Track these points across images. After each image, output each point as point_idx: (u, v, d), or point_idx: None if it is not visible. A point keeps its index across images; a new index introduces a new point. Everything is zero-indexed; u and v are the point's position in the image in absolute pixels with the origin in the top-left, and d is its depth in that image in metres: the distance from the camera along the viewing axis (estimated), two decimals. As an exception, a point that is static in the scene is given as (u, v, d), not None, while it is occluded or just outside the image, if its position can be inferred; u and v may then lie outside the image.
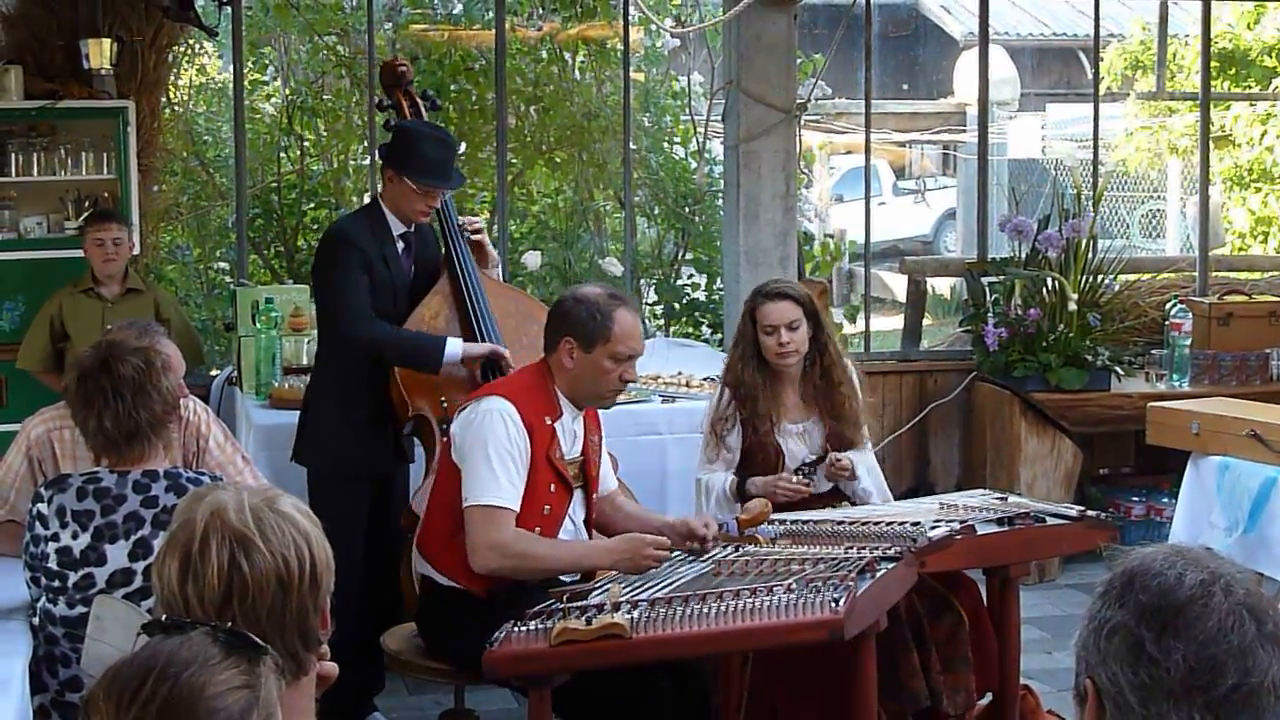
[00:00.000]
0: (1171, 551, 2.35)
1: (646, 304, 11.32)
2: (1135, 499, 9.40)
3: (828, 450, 6.17)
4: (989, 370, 9.16)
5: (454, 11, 11.78)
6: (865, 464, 6.22)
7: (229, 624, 2.42)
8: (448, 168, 6.43)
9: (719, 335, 10.01)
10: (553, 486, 5.33)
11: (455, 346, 6.31)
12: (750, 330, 6.17)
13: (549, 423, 5.33)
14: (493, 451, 5.17)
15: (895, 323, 12.73)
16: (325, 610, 2.71)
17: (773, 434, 6.15)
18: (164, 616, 2.48)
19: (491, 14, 9.98)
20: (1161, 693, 2.25)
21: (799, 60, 9.87)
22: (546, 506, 5.31)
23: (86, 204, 8.64)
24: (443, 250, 6.66)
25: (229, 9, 8.71)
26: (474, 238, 6.67)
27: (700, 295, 11.13)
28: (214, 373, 8.84)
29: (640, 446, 6.97)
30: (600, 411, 5.91)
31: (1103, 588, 2.37)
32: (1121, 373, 9.06)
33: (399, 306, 6.42)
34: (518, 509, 5.18)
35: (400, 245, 6.45)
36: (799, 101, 9.24)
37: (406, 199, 6.35)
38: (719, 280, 10.64)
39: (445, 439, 6.24)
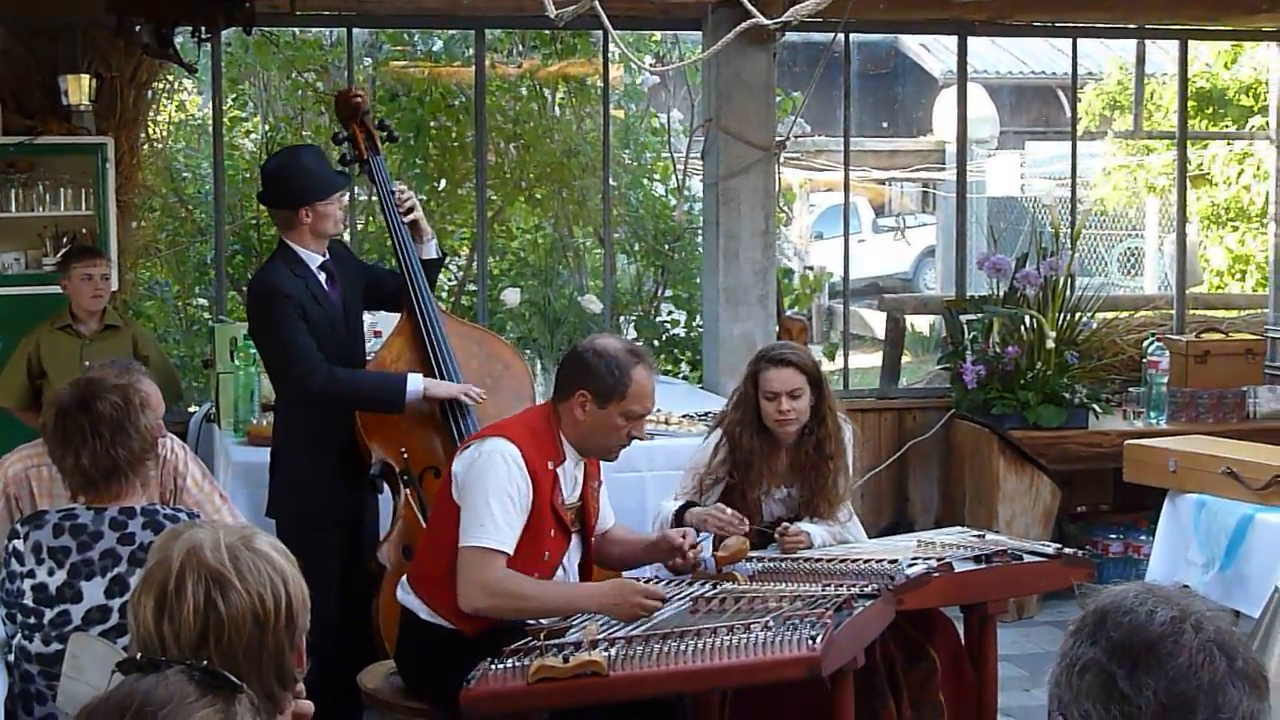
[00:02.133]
0: (1143, 589, 2.37)
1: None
2: (1113, 536, 9.43)
3: (780, 519, 6.03)
4: (967, 408, 9.18)
5: (434, 48, 11.80)
6: (832, 534, 6.03)
7: (205, 662, 2.42)
8: (332, 167, 6.51)
9: (698, 372, 10.02)
10: (553, 532, 5.29)
11: (417, 383, 6.26)
12: (751, 393, 6.06)
13: (551, 467, 5.28)
14: (493, 493, 5.11)
15: (874, 360, 12.78)
16: (301, 649, 2.71)
17: (759, 500, 6.08)
18: (139, 655, 2.48)
19: (471, 51, 10.00)
20: None
21: (778, 98, 9.90)
22: (546, 553, 5.27)
23: (65, 240, 8.65)
24: (404, 285, 6.61)
25: (208, 46, 8.70)
26: (408, 218, 6.64)
27: (680, 332, 11.14)
28: (192, 409, 8.83)
29: (619, 484, 6.92)
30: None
31: (1075, 625, 2.38)
32: (1099, 410, 9.10)
33: (339, 337, 6.38)
34: (511, 552, 5.12)
35: (323, 276, 6.39)
36: (778, 139, 9.26)
37: (328, 221, 6.35)
38: (698, 317, 10.64)
39: (409, 489, 6.26)
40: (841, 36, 9.44)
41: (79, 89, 8.60)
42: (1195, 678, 2.26)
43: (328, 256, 6.43)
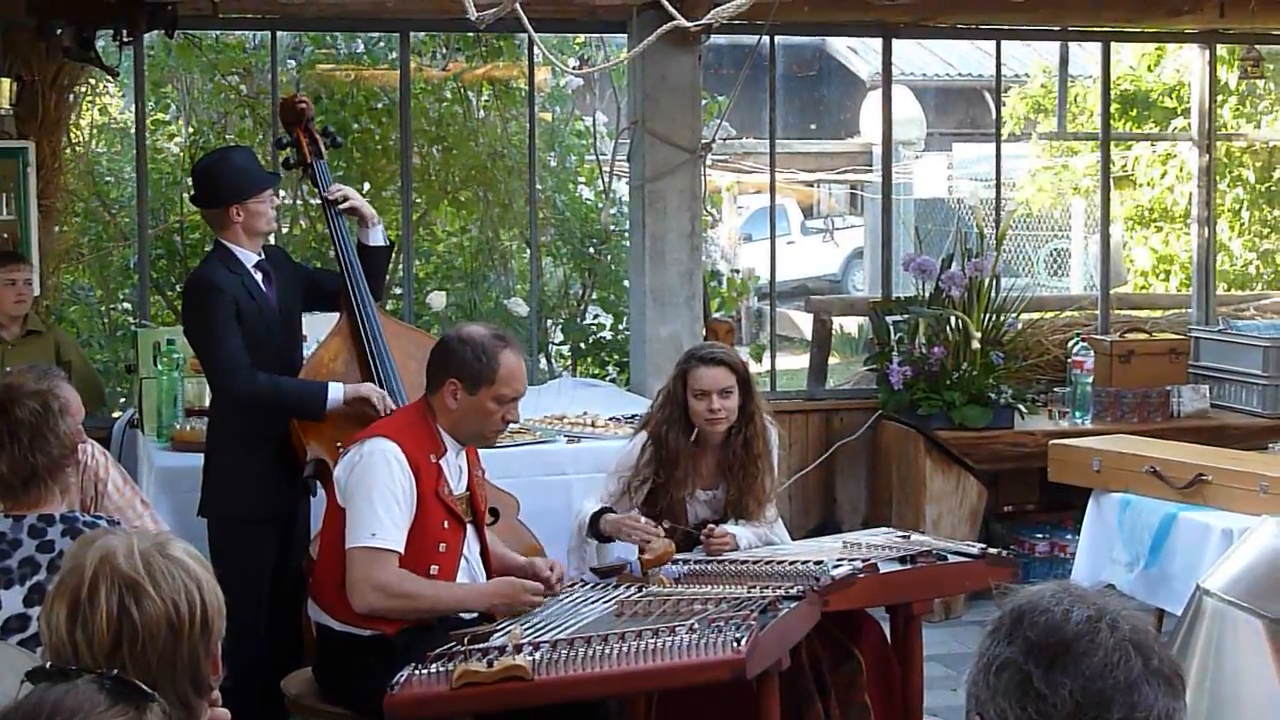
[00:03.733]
0: (1059, 588, 2.38)
1: (553, 344, 11.31)
2: (1039, 536, 9.46)
3: (706, 521, 6.05)
4: (894, 409, 9.20)
5: (356, 50, 11.74)
6: (758, 535, 6.06)
7: (117, 670, 2.39)
8: (262, 167, 6.54)
9: (625, 375, 10.01)
10: (446, 523, 5.32)
11: (337, 392, 6.24)
12: (680, 392, 6.05)
13: (434, 460, 5.31)
14: (376, 493, 5.15)
15: (803, 361, 12.78)
16: (217, 655, 2.69)
17: (684, 500, 6.09)
18: (49, 664, 2.45)
19: (394, 54, 9.97)
20: None
21: (704, 102, 9.90)
22: (442, 544, 5.30)
23: (-16, 246, 8.56)
24: (343, 286, 6.59)
25: (130, 49, 8.63)
26: (345, 205, 6.63)
27: (606, 335, 11.12)
28: (115, 415, 8.76)
29: (545, 487, 6.95)
30: (505, 451, 5.87)
31: (992, 625, 2.39)
32: (1025, 410, 9.12)
33: (274, 336, 6.36)
34: (401, 550, 5.17)
35: (259, 275, 6.37)
36: (704, 141, 9.27)
37: (259, 219, 6.34)
38: (624, 320, 10.62)
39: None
40: (767, 39, 9.45)
41: (-1, 92, 8.52)
42: (1110, 676, 2.27)
43: (263, 256, 6.42)
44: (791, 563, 5.47)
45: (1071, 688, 2.27)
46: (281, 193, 9.46)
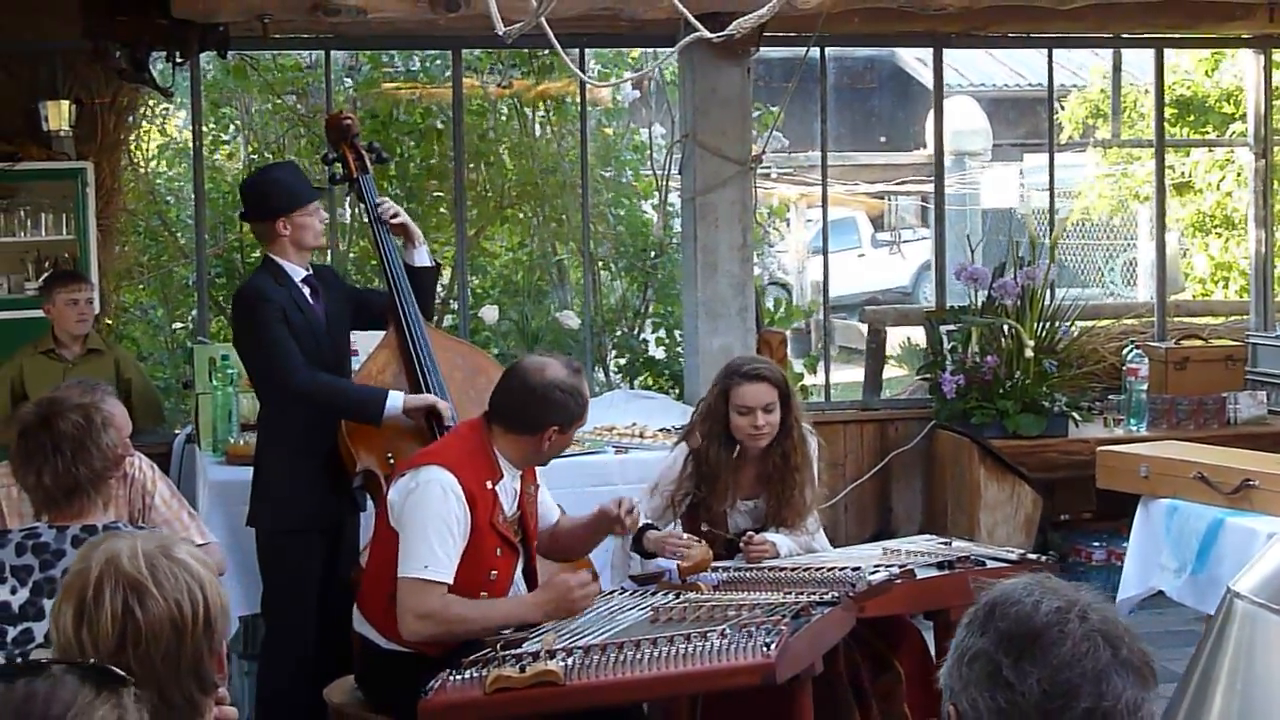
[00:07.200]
0: (1033, 581, 2.42)
1: (609, 357, 11.33)
2: (1096, 544, 9.42)
3: (746, 530, 6.04)
4: (947, 418, 9.20)
5: (413, 68, 11.80)
6: (799, 544, 6.07)
7: (123, 669, 2.44)
8: (308, 181, 6.64)
9: (677, 389, 10.03)
10: (499, 550, 5.29)
11: (397, 400, 6.29)
12: (721, 407, 6.04)
13: (490, 487, 5.28)
14: (431, 525, 5.11)
15: (864, 373, 12.80)
16: (221, 654, 2.74)
17: (725, 512, 6.10)
18: (19, 660, 2.52)
19: (448, 71, 10.04)
20: (1018, 717, 2.31)
21: (757, 113, 9.92)
22: (493, 572, 5.27)
23: (46, 265, 8.70)
24: (390, 300, 6.66)
25: (186, 70, 8.76)
26: (394, 222, 6.70)
27: (659, 353, 11.06)
28: (177, 431, 8.87)
29: (593, 497, 6.90)
30: (553, 462, 5.90)
31: (967, 617, 2.43)
32: (1079, 418, 9.10)
33: (321, 349, 6.43)
34: (450, 582, 5.13)
35: (306, 290, 6.46)
36: (755, 153, 9.29)
37: (307, 233, 6.43)
38: (677, 333, 10.62)
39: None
40: (816, 51, 9.48)
41: (59, 114, 8.66)
42: (1078, 666, 2.30)
43: (311, 271, 6.51)
44: (829, 569, 5.48)
45: (1039, 677, 2.30)
46: (338, 210, 9.56)
